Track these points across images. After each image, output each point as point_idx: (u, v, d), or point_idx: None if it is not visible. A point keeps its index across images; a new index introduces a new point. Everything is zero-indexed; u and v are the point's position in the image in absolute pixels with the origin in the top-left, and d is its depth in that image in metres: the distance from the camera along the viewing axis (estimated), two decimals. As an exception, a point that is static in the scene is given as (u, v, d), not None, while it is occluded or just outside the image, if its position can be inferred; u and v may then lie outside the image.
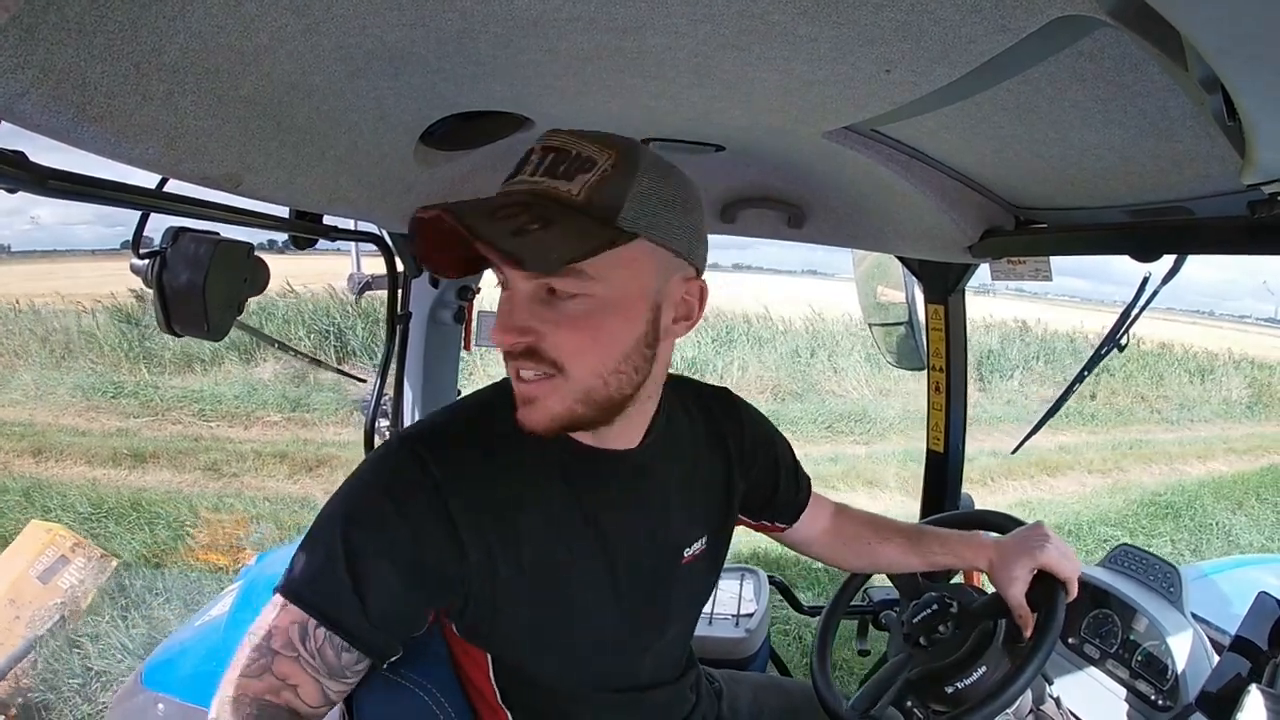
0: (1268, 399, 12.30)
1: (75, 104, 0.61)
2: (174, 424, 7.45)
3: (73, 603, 3.58)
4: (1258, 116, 0.55)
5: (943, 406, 2.06)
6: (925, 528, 1.27)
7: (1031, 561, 1.11)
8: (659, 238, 0.79)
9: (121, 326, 9.05)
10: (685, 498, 1.03)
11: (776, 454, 1.19)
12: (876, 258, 2.38)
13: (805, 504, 1.24)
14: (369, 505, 0.83)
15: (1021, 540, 1.15)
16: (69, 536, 3.90)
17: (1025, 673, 1.02)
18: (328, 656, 0.81)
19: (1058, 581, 1.10)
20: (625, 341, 0.82)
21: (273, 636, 0.80)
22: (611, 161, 0.76)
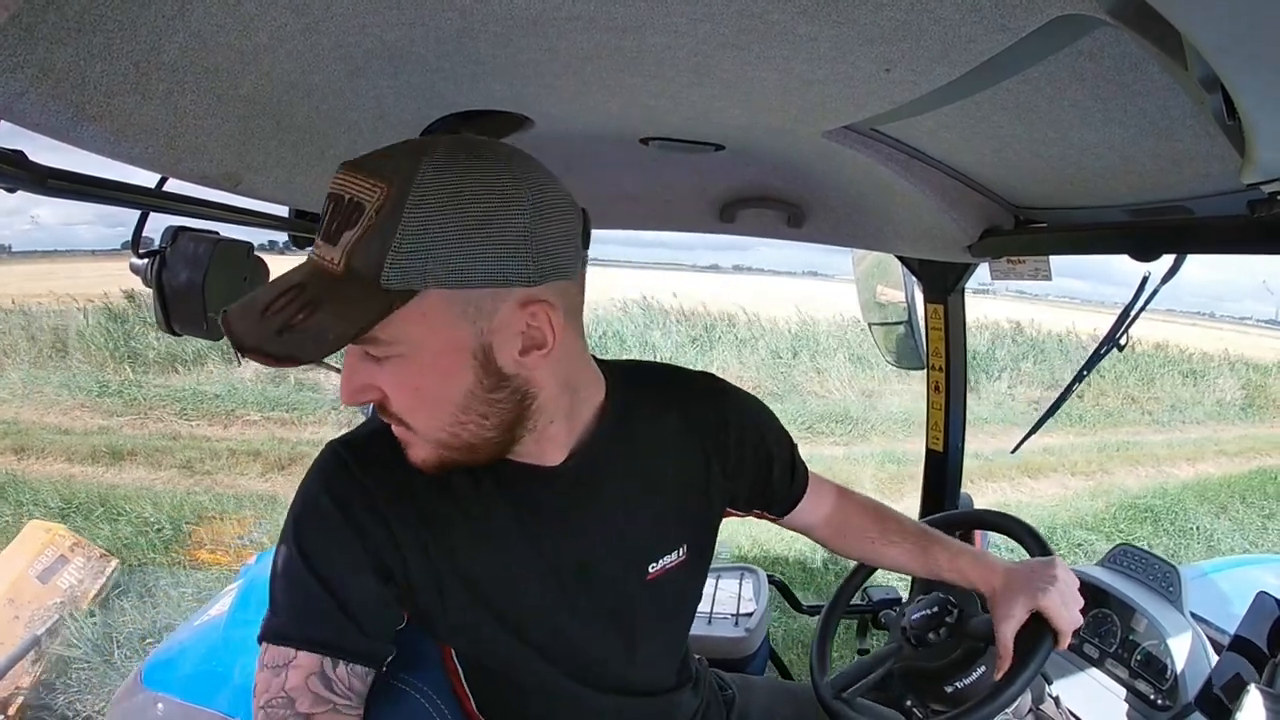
0: (1262, 401, 12.17)
1: (74, 103, 0.61)
2: (156, 422, 7.53)
3: (72, 602, 3.58)
4: (1257, 115, 0.55)
5: (942, 406, 2.07)
6: (934, 535, 1.21)
7: (1031, 604, 1.04)
8: (449, 282, 0.67)
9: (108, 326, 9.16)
10: (650, 509, 0.96)
11: (768, 447, 1.09)
12: (876, 257, 2.38)
13: (800, 496, 1.18)
14: (318, 521, 0.81)
15: (1028, 576, 1.07)
16: (68, 536, 3.91)
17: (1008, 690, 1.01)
18: (356, 687, 0.80)
19: (1049, 629, 1.05)
20: (453, 395, 0.74)
21: (295, 700, 0.76)
22: (378, 204, 0.65)
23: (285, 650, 0.78)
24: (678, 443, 0.98)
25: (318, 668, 0.78)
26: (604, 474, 0.91)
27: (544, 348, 0.74)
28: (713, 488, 1.02)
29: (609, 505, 0.92)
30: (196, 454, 6.58)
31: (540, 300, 0.72)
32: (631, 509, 0.94)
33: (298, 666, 0.77)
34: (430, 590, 0.85)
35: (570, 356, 0.81)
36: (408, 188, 0.65)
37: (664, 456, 0.97)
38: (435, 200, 0.65)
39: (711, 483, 1.02)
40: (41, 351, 8.99)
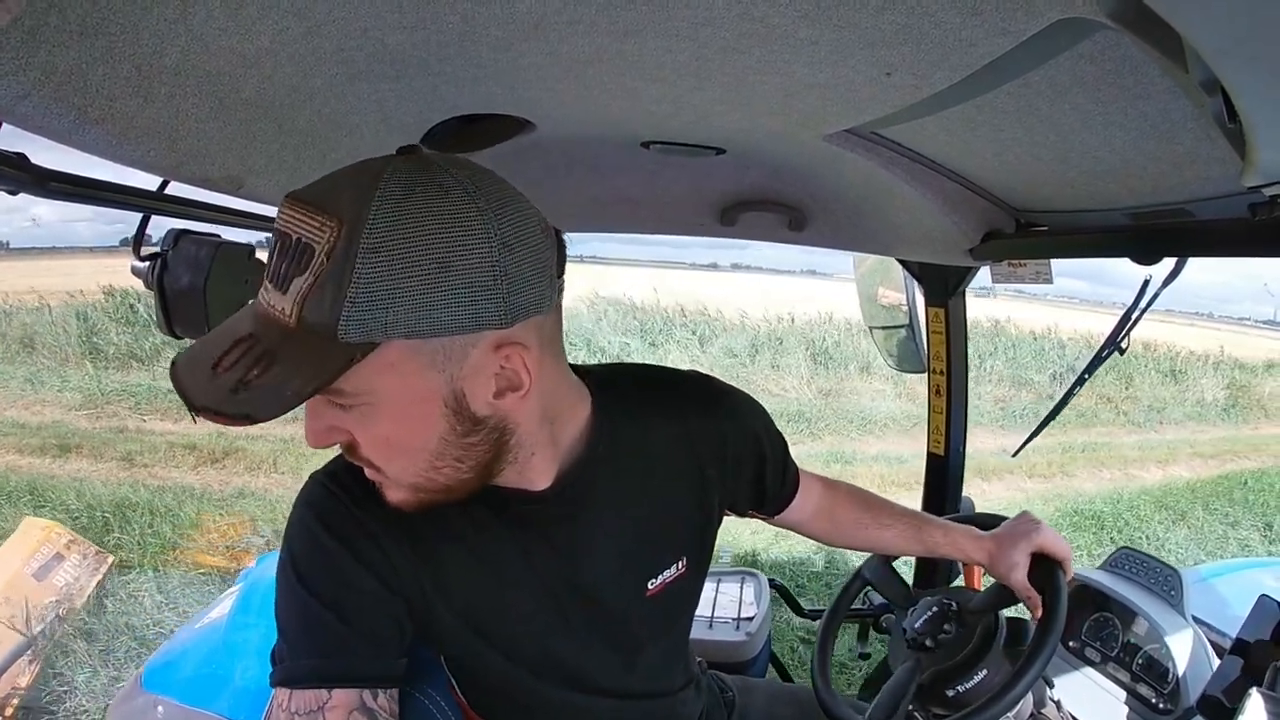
0: (1246, 401, 11.76)
1: (77, 106, 0.61)
2: (110, 417, 7.67)
3: (68, 600, 3.57)
4: (1258, 118, 0.55)
5: (943, 409, 2.07)
6: (925, 516, 1.26)
7: (1028, 545, 1.14)
8: (414, 333, 0.62)
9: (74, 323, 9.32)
10: (646, 524, 0.94)
11: (762, 450, 1.06)
12: (877, 260, 2.38)
13: (791, 496, 1.16)
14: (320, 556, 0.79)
15: (1014, 529, 1.18)
16: (64, 533, 3.90)
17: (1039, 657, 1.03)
18: (396, 712, 0.80)
19: (1055, 562, 1.14)
20: (426, 443, 0.71)
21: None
22: (328, 247, 0.60)
23: (318, 694, 0.75)
24: (670, 451, 0.95)
25: (358, 703, 0.75)
26: (595, 493, 0.88)
27: (520, 389, 0.71)
28: (709, 494, 0.99)
29: (602, 524, 0.89)
30: (138, 447, 6.75)
31: (514, 342, 0.68)
32: (626, 526, 0.91)
33: (335, 707, 0.74)
34: (424, 617, 0.84)
35: (548, 389, 0.77)
36: (359, 228, 0.59)
37: (656, 467, 0.94)
38: (391, 242, 0.59)
39: (708, 489, 0.99)
40: (9, 348, 9.23)
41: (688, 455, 0.97)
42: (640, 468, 0.92)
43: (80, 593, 3.68)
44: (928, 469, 2.16)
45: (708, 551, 1.04)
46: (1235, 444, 9.52)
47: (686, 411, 0.98)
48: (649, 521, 0.93)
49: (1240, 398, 11.73)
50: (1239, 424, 10.99)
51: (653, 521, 0.94)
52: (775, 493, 1.13)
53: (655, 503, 0.94)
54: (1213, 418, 11.08)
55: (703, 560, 1.03)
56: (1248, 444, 9.57)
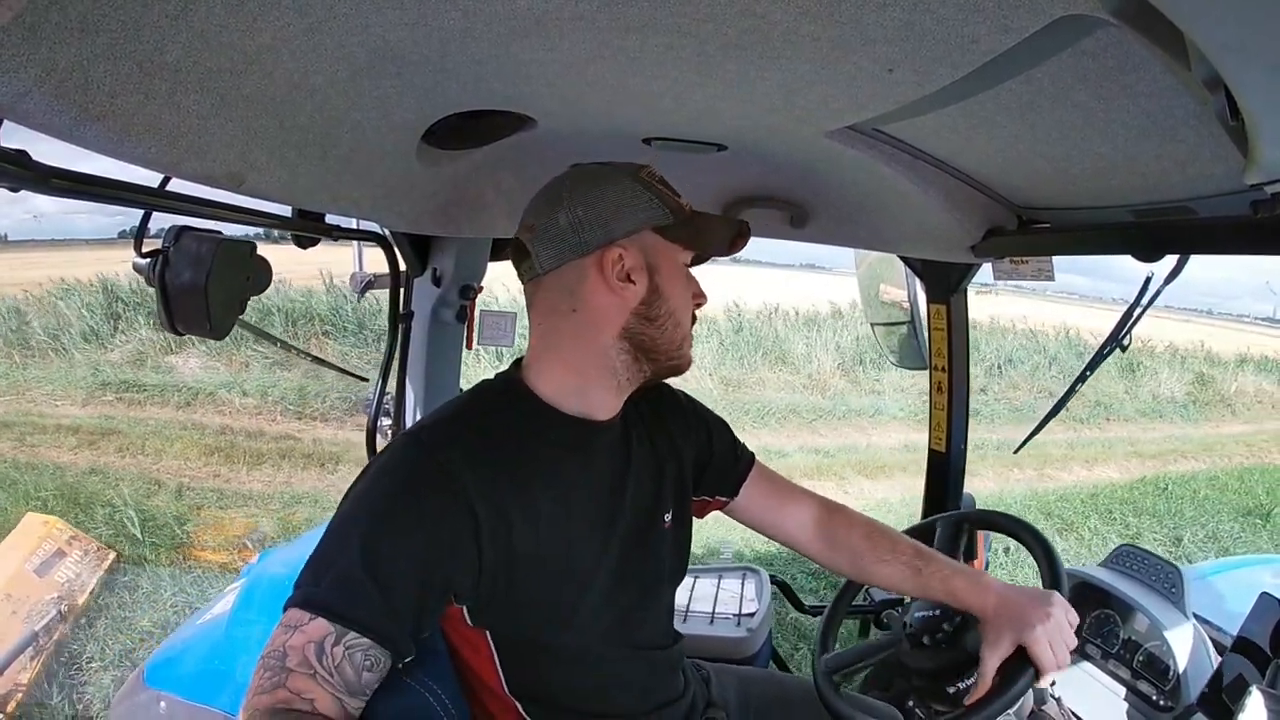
0: (1208, 398, 11.23)
1: (78, 103, 0.61)
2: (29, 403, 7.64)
3: (70, 596, 3.57)
4: (1260, 116, 0.55)
5: (945, 406, 2.06)
6: (928, 554, 1.20)
7: (1017, 638, 1.03)
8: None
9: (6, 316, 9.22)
10: (653, 466, 1.12)
11: (707, 422, 1.25)
12: (879, 257, 2.38)
13: (745, 474, 1.25)
14: (385, 504, 0.87)
15: (1021, 608, 1.06)
16: (65, 529, 3.90)
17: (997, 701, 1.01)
18: (346, 673, 0.81)
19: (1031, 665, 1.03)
20: None
21: (287, 655, 0.80)
22: None
23: (302, 614, 0.81)
24: (652, 422, 1.15)
25: (319, 637, 0.80)
26: (631, 432, 1.10)
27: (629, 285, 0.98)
28: (683, 460, 1.17)
29: (636, 459, 1.09)
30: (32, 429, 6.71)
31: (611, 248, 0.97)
32: (647, 464, 1.10)
33: (304, 631, 0.81)
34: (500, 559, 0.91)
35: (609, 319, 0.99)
36: None
37: (649, 431, 1.14)
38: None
39: (681, 456, 1.17)
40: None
41: (662, 426, 1.16)
42: (642, 423, 1.13)
43: (82, 589, 3.68)
44: (929, 466, 2.16)
45: (687, 514, 1.19)
46: (1185, 444, 9.10)
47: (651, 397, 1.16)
48: (657, 466, 1.12)
49: (1202, 394, 11.34)
50: (1198, 422, 10.51)
51: (657, 466, 1.12)
52: (728, 466, 1.25)
53: (656, 453, 1.13)
54: (1170, 414, 10.55)
55: (684, 520, 1.17)
56: (1200, 444, 9.16)
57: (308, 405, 7.38)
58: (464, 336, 1.98)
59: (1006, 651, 1.04)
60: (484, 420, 0.98)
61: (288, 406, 7.36)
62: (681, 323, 1.02)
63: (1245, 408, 11.37)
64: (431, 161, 1.25)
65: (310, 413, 7.33)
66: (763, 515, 1.27)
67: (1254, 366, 13.06)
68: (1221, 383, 11.84)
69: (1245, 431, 10.08)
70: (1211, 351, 13.15)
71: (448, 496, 0.88)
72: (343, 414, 7.25)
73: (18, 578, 3.47)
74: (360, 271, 1.97)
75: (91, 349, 8.65)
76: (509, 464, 0.93)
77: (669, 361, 1.03)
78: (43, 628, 3.30)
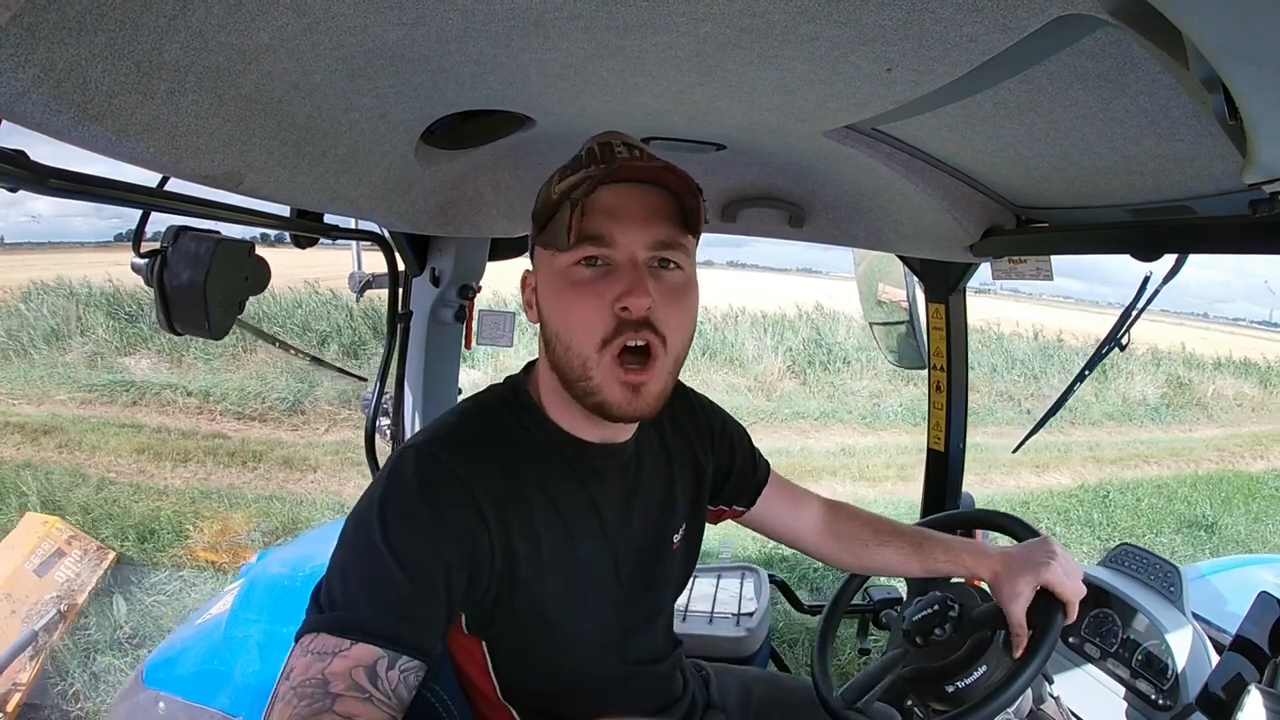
0: (1183, 401, 10.79)
1: (76, 103, 0.61)
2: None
3: (69, 596, 3.57)
4: (1259, 115, 0.55)
5: (943, 406, 2.07)
6: (928, 532, 1.24)
7: (1035, 579, 1.06)
8: None
9: None
10: (667, 488, 1.07)
11: (731, 435, 1.21)
12: (877, 256, 2.38)
13: (762, 484, 1.24)
14: (404, 516, 0.82)
15: (1027, 555, 1.10)
16: (65, 529, 3.90)
17: (1017, 682, 1.01)
18: (401, 695, 0.77)
19: (1057, 602, 1.06)
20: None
21: (330, 681, 0.73)
22: None
23: (340, 641, 0.75)
24: (671, 434, 1.11)
25: (369, 661, 0.75)
26: (646, 453, 1.04)
27: None
28: (701, 473, 1.13)
29: (648, 482, 1.04)
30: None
31: None
32: (658, 487, 1.06)
33: (346, 656, 0.75)
34: (505, 570, 0.88)
35: None
36: None
37: (666, 445, 1.09)
38: None
39: (700, 468, 1.13)
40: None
41: (684, 437, 1.12)
42: (659, 438, 1.08)
43: (81, 589, 3.68)
44: (928, 465, 2.16)
45: (699, 527, 1.15)
46: (1150, 448, 8.76)
47: (676, 404, 1.13)
48: (669, 485, 1.07)
49: (1177, 398, 10.95)
50: (1169, 425, 10.14)
51: (673, 484, 1.08)
52: (747, 477, 1.23)
53: (673, 470, 1.09)
54: (1140, 418, 10.17)
55: (695, 533, 1.14)
56: (1166, 448, 8.80)
57: (247, 405, 7.57)
58: (463, 336, 1.98)
59: (1029, 596, 1.07)
60: (489, 433, 0.92)
61: (228, 407, 7.55)
62: (573, 346, 0.85)
63: (1223, 411, 11.10)
64: (430, 161, 1.25)
65: (248, 413, 7.50)
66: (774, 522, 1.28)
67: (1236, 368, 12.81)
68: (1198, 385, 11.54)
69: (1218, 436, 9.84)
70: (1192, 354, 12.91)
71: (462, 500, 0.84)
72: (280, 414, 7.47)
73: (17, 577, 3.46)
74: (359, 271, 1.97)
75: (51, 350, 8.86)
76: (513, 485, 0.89)
77: (583, 397, 0.87)
78: (43, 627, 3.30)
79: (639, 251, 0.84)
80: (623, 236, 0.84)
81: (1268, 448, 9.30)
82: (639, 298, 0.81)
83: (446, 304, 1.88)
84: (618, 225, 0.84)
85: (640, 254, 0.84)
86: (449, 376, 2.00)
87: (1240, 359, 13.37)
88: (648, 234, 0.84)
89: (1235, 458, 8.85)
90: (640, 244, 0.84)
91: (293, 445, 6.85)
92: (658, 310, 0.83)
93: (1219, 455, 8.86)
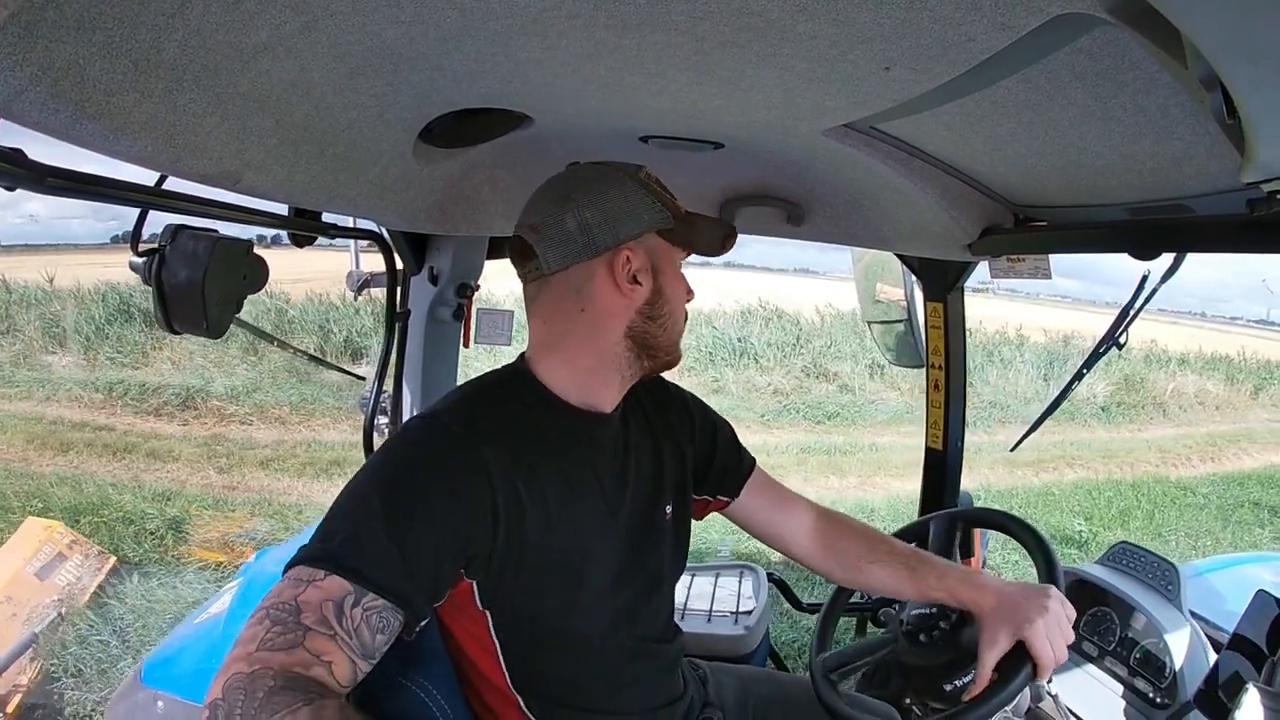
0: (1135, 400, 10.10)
1: (74, 101, 0.61)
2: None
3: (70, 599, 3.58)
4: (1257, 115, 0.55)
5: (942, 404, 2.07)
6: (923, 554, 1.22)
7: (1016, 633, 1.04)
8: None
9: None
10: (653, 460, 1.14)
11: (713, 423, 1.26)
12: (876, 255, 2.38)
13: (746, 475, 1.26)
14: (406, 470, 0.90)
15: (1018, 604, 1.07)
16: (66, 534, 3.91)
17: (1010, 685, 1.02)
18: (364, 635, 0.79)
19: (1030, 660, 1.03)
20: None
21: (303, 611, 0.76)
22: None
23: (315, 570, 0.79)
24: (654, 417, 1.17)
25: (338, 595, 0.78)
26: (631, 426, 1.12)
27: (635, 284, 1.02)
28: (684, 455, 1.18)
29: (636, 452, 1.11)
30: None
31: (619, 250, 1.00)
32: (648, 457, 1.13)
33: (319, 586, 0.78)
34: (512, 534, 0.92)
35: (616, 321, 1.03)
36: None
37: (650, 425, 1.16)
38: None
39: (682, 451, 1.18)
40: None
41: (664, 421, 1.18)
42: (643, 417, 1.15)
43: (82, 592, 3.70)
44: (926, 464, 2.16)
45: (687, 508, 1.19)
46: (1080, 450, 8.16)
47: (655, 391, 1.20)
48: (656, 459, 1.14)
49: (1129, 396, 10.23)
50: (1117, 425, 9.51)
51: (657, 460, 1.14)
52: (732, 465, 1.26)
53: (657, 447, 1.15)
54: (1084, 417, 9.46)
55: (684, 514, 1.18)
56: (1100, 450, 8.15)
57: (146, 401, 7.89)
58: (461, 335, 1.98)
59: (1005, 647, 1.04)
60: (494, 406, 1.00)
61: (128, 402, 7.88)
62: (679, 321, 1.07)
63: (1180, 410, 10.50)
64: (428, 160, 1.25)
65: (145, 408, 7.80)
66: (762, 519, 1.27)
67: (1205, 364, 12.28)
68: (1155, 383, 10.83)
69: (1167, 436, 9.27)
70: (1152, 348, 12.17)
71: (470, 465, 0.90)
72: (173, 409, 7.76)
73: (18, 580, 3.49)
74: (357, 270, 1.97)
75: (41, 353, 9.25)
76: (519, 447, 0.96)
77: (666, 357, 1.06)
78: (43, 629, 3.31)
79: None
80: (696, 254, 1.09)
81: (1220, 449, 8.84)
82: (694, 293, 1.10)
83: (445, 303, 1.88)
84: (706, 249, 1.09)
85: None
86: (447, 375, 2.00)
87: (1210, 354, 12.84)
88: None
89: (1179, 461, 8.31)
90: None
91: (169, 438, 7.09)
92: None
93: (1160, 458, 8.31)
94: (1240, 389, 11.69)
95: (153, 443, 6.84)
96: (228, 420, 7.62)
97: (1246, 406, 11.28)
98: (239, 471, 6.30)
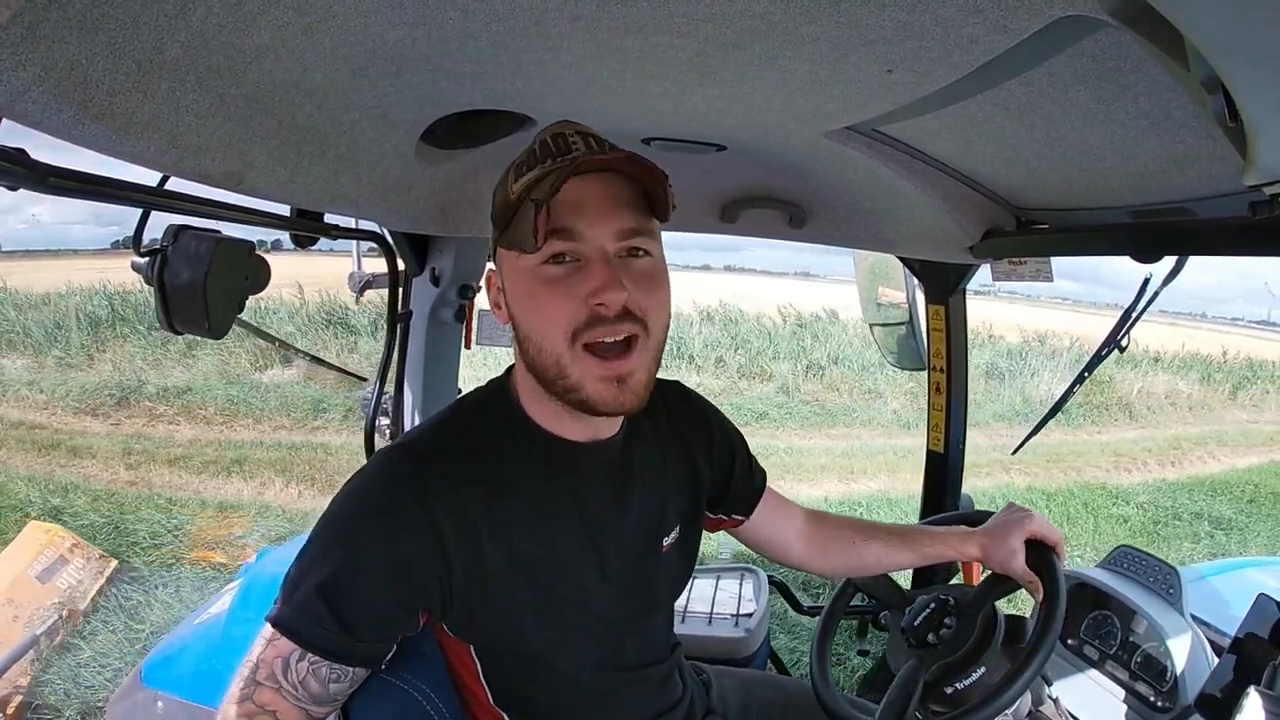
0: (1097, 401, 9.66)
1: (77, 101, 0.61)
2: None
3: (71, 603, 3.60)
4: (1259, 117, 0.54)
5: (943, 407, 2.07)
6: (912, 525, 1.29)
7: (1023, 532, 1.16)
8: None
9: None
10: (659, 487, 1.05)
11: (732, 443, 1.19)
12: (877, 258, 2.38)
13: (760, 493, 1.24)
14: (348, 526, 0.85)
15: (1005, 519, 1.20)
16: (68, 537, 3.94)
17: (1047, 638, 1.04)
18: (311, 687, 0.83)
19: (1049, 546, 1.16)
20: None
21: (258, 668, 0.82)
22: None
23: (272, 629, 0.83)
24: (668, 434, 1.09)
25: (285, 653, 0.82)
26: (636, 451, 1.02)
27: None
28: (699, 476, 1.12)
29: (639, 480, 1.02)
30: None
31: None
32: (650, 487, 1.03)
33: (274, 645, 0.83)
34: (472, 578, 0.87)
35: None
36: None
37: (661, 444, 1.08)
38: None
39: (697, 471, 1.12)
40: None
41: (680, 439, 1.11)
42: (654, 437, 1.07)
43: (83, 595, 3.71)
44: (927, 466, 2.16)
45: (696, 531, 1.13)
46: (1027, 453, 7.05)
47: (675, 405, 1.13)
48: (662, 487, 1.06)
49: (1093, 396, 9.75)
50: (1076, 428, 9.06)
51: (664, 487, 1.06)
52: (745, 486, 1.22)
53: (666, 470, 1.07)
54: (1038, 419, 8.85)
55: (692, 536, 1.12)
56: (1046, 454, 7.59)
57: (86, 401, 7.95)
58: (462, 336, 1.98)
59: (1022, 550, 1.16)
60: (466, 436, 0.93)
61: (70, 403, 7.94)
62: (545, 345, 0.84)
63: (1148, 411, 10.11)
64: (430, 161, 1.25)
65: (84, 408, 7.85)
66: (768, 534, 1.27)
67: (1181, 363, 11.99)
68: (1123, 383, 10.38)
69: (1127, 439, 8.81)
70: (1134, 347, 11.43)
71: (412, 516, 0.84)
72: (108, 409, 7.80)
73: (20, 583, 3.51)
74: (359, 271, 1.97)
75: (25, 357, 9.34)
76: (483, 481, 0.88)
77: (565, 395, 0.86)
78: (44, 632, 3.32)
79: (608, 244, 0.83)
80: (589, 230, 0.82)
81: (1184, 453, 8.40)
82: (614, 292, 0.81)
83: (446, 304, 1.88)
84: (583, 219, 0.82)
85: (609, 246, 0.83)
86: (448, 376, 2.00)
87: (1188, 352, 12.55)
88: (614, 224, 0.83)
89: (1133, 465, 7.84)
90: (608, 236, 0.83)
91: (94, 436, 7.14)
92: (635, 298, 0.83)
93: (1113, 462, 7.83)
94: (1217, 389, 11.40)
95: (77, 440, 6.94)
96: (156, 420, 7.68)
97: (1222, 407, 11.01)
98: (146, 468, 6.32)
